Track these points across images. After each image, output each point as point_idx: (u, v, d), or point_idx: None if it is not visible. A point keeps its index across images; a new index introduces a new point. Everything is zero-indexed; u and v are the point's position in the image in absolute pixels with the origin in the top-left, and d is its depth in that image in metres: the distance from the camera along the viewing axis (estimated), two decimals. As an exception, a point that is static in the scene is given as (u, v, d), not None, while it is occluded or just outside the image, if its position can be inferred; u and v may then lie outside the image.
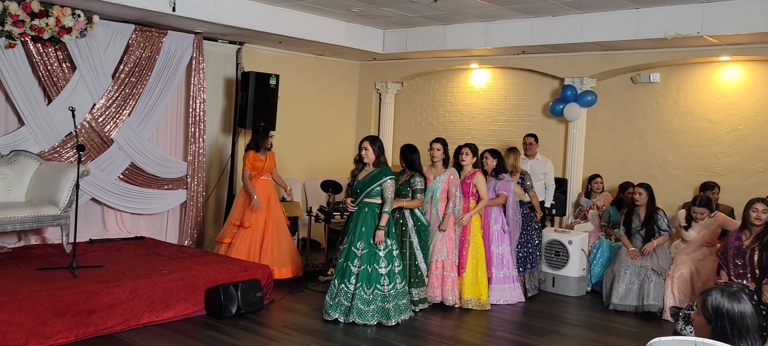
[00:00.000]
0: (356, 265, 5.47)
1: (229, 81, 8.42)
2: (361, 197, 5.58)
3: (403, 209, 5.97)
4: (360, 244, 5.49)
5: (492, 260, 6.48)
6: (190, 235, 7.75)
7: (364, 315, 5.41)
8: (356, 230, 5.54)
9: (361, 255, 5.48)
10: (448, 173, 6.21)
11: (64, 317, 4.73)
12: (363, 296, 5.43)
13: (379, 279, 5.46)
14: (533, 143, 7.72)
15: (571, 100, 8.05)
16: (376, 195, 5.55)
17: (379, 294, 5.46)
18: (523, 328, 5.83)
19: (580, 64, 8.03)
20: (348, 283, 5.47)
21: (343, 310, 5.46)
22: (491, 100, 9.12)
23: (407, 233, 5.98)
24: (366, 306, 5.42)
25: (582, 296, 7.05)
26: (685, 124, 7.63)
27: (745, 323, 2.55)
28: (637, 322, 6.17)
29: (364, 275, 5.45)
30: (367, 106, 10.16)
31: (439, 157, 6.27)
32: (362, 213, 5.57)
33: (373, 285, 5.45)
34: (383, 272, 5.48)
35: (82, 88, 6.80)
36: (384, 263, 5.49)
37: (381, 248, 5.48)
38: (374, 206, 5.56)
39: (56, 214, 6.11)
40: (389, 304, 5.45)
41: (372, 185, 5.54)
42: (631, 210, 6.68)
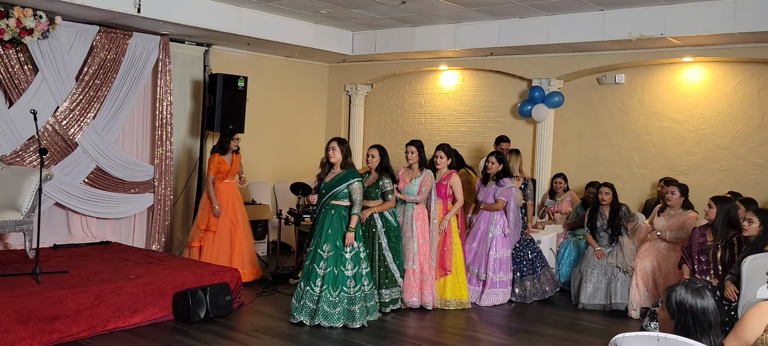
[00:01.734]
0: (322, 267, 5.42)
1: (196, 83, 8.33)
2: (326, 199, 5.51)
3: (374, 214, 5.93)
4: (326, 246, 5.43)
5: (490, 263, 6.49)
6: (158, 239, 7.64)
7: (329, 317, 5.37)
8: (322, 233, 5.48)
9: (327, 257, 5.42)
10: (423, 175, 6.19)
11: (27, 324, 4.62)
12: (329, 299, 5.37)
13: (346, 281, 5.42)
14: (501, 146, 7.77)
15: (538, 101, 8.15)
16: (343, 197, 5.50)
17: (346, 296, 5.41)
18: (494, 327, 5.88)
19: (547, 66, 8.14)
20: (313, 285, 5.42)
21: (309, 312, 5.41)
22: (460, 102, 9.18)
23: (377, 235, 5.95)
24: (332, 309, 5.37)
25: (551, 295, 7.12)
26: (650, 124, 7.78)
27: (707, 319, 2.61)
28: (605, 320, 6.26)
29: (330, 278, 5.40)
30: (337, 108, 10.14)
31: (414, 160, 6.23)
32: (328, 215, 5.51)
33: (340, 287, 5.40)
34: (349, 274, 5.44)
35: (44, 91, 6.66)
36: (350, 265, 5.46)
37: (347, 250, 5.44)
38: (341, 209, 5.51)
39: (18, 219, 5.96)
40: (355, 306, 5.41)
41: (339, 187, 5.49)
42: (595, 209, 6.78)
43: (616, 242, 6.65)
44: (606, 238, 6.69)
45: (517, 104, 8.49)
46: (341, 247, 5.43)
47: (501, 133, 8.28)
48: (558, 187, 7.87)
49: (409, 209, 6.19)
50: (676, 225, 6.36)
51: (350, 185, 5.47)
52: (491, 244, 6.51)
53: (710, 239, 5.62)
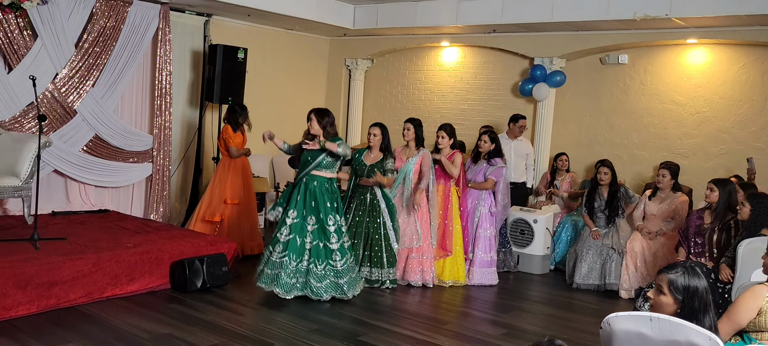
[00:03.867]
0: (308, 240, 5.35)
1: (196, 54, 8.28)
2: (309, 168, 5.41)
3: (375, 189, 5.92)
4: (311, 219, 5.35)
5: (478, 242, 6.49)
6: (156, 209, 7.66)
7: (317, 291, 5.33)
8: (306, 205, 5.37)
9: (312, 231, 5.35)
10: (420, 153, 6.17)
11: (25, 289, 4.65)
12: (316, 272, 5.34)
13: (331, 255, 5.37)
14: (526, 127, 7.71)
15: (540, 80, 8.11)
16: (327, 166, 5.43)
17: (331, 270, 5.38)
18: (488, 304, 5.92)
19: (549, 44, 8.09)
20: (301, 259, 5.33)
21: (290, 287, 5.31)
22: (461, 79, 9.14)
23: (380, 214, 5.94)
24: (319, 282, 5.33)
25: (545, 273, 7.18)
26: (651, 106, 7.76)
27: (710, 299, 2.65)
28: (598, 299, 6.31)
29: (316, 251, 5.34)
30: (337, 82, 10.10)
31: (410, 138, 6.20)
32: (311, 186, 5.40)
33: (325, 261, 5.36)
34: (334, 247, 5.37)
35: (44, 57, 6.62)
36: (334, 238, 5.38)
37: (331, 223, 5.36)
38: (323, 180, 5.43)
39: (17, 185, 5.98)
40: (342, 279, 5.39)
41: (322, 154, 5.40)
42: (594, 189, 6.79)
43: (612, 223, 6.66)
44: (603, 219, 6.71)
45: (519, 83, 8.45)
46: (325, 220, 5.35)
47: (503, 111, 8.27)
48: (561, 165, 7.84)
49: (408, 189, 6.14)
50: (668, 211, 6.38)
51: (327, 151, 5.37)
52: (479, 223, 6.51)
53: (707, 221, 5.63)
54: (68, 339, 4.28)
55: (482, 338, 4.89)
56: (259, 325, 4.83)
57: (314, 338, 4.64)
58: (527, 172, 7.87)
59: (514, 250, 7.22)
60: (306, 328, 4.84)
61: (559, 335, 5.09)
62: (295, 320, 5.00)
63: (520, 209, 7.32)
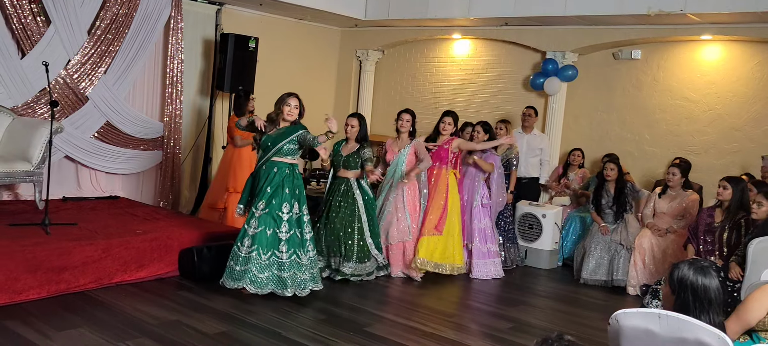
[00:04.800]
0: (253, 226, 4.99)
1: (207, 42, 8.29)
2: (270, 154, 5.08)
3: (351, 180, 5.78)
4: (261, 204, 5.00)
5: (474, 233, 6.46)
6: (166, 196, 7.70)
7: (257, 282, 4.96)
8: (262, 191, 5.04)
9: (259, 216, 4.98)
10: (412, 144, 6.07)
11: (36, 274, 4.70)
12: (259, 262, 4.96)
13: (278, 245, 4.99)
14: (532, 116, 7.65)
15: (551, 74, 8.07)
16: (289, 153, 5.11)
17: (275, 261, 5.00)
18: (494, 298, 5.92)
19: (562, 38, 8.04)
20: (240, 245, 5.00)
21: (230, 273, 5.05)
22: (472, 72, 9.11)
23: (356, 207, 5.76)
24: (260, 272, 4.96)
25: (553, 268, 7.16)
26: (664, 102, 7.70)
27: (707, 297, 2.62)
28: (606, 295, 6.29)
29: (261, 238, 4.96)
30: (347, 73, 10.08)
31: (406, 129, 6.09)
32: (271, 173, 5.07)
33: (271, 250, 4.98)
34: (283, 237, 5.01)
35: (56, 43, 6.66)
36: (285, 227, 5.01)
37: (284, 211, 5.01)
38: (284, 166, 5.09)
39: (29, 170, 6.02)
40: (285, 273, 5.00)
41: (283, 140, 5.07)
42: (601, 185, 6.76)
43: (621, 219, 6.64)
44: (610, 215, 6.68)
45: (530, 76, 8.41)
46: (278, 206, 5.00)
47: (514, 104, 8.23)
48: (573, 160, 7.77)
49: (396, 182, 6.02)
50: (678, 209, 6.34)
51: (298, 136, 5.08)
52: (473, 214, 6.49)
53: (718, 219, 5.59)
54: (77, 324, 4.32)
55: (489, 332, 4.89)
56: (266, 314, 4.85)
57: (322, 327, 4.66)
58: (542, 167, 7.76)
59: (522, 244, 7.20)
60: (313, 318, 4.86)
61: (566, 330, 5.08)
62: (301, 309, 5.01)
63: (528, 204, 7.29)
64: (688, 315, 2.52)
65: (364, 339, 4.51)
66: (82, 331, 4.21)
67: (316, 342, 4.36)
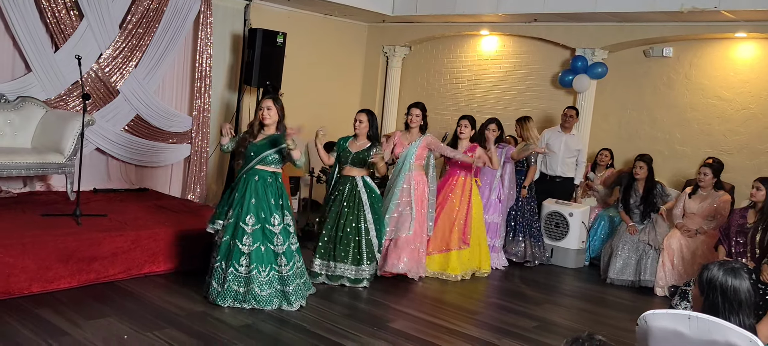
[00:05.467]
0: (247, 243, 4.68)
1: (236, 37, 8.36)
2: (253, 163, 4.78)
3: (356, 179, 5.52)
4: (250, 219, 4.68)
5: (488, 228, 6.48)
6: (193, 189, 7.80)
7: (261, 300, 4.70)
8: (245, 203, 4.69)
9: (251, 232, 4.69)
10: (424, 138, 5.89)
11: (67, 263, 4.79)
12: (259, 280, 4.70)
13: (275, 259, 4.74)
14: (573, 117, 7.47)
15: (581, 71, 7.98)
16: (273, 162, 4.81)
17: (276, 276, 4.76)
18: (518, 296, 5.87)
19: (592, 35, 7.93)
20: (238, 265, 4.67)
21: (234, 295, 4.69)
22: (500, 69, 9.04)
23: (361, 207, 5.48)
24: (262, 290, 4.70)
25: (580, 268, 7.09)
26: (696, 101, 7.56)
27: (737, 299, 2.57)
28: (633, 296, 6.21)
29: (257, 255, 4.69)
30: (374, 69, 10.09)
31: (417, 123, 5.90)
32: (252, 182, 4.75)
33: (269, 265, 4.72)
34: (280, 250, 4.75)
35: (89, 37, 6.76)
36: (279, 240, 4.75)
37: (275, 224, 4.74)
38: (266, 174, 4.79)
39: (61, 162, 6.14)
40: (289, 286, 4.77)
41: (269, 150, 4.80)
42: (630, 185, 6.67)
43: (648, 219, 6.54)
44: (638, 215, 6.60)
45: (558, 73, 8.32)
46: (267, 219, 4.73)
47: (542, 101, 8.15)
48: (601, 160, 7.67)
49: (403, 175, 5.82)
50: (709, 210, 6.22)
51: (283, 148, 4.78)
52: (487, 208, 6.46)
53: (751, 220, 5.48)
54: (106, 313, 4.40)
55: (513, 330, 4.85)
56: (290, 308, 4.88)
57: (345, 322, 4.67)
58: (578, 168, 7.57)
59: (548, 243, 7.14)
60: (337, 312, 4.88)
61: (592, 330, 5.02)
62: (324, 304, 5.04)
63: (555, 202, 7.22)
64: (717, 317, 2.48)
65: (388, 335, 4.52)
66: (111, 320, 4.29)
67: (340, 337, 4.38)
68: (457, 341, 4.52)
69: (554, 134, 7.46)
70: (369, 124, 5.50)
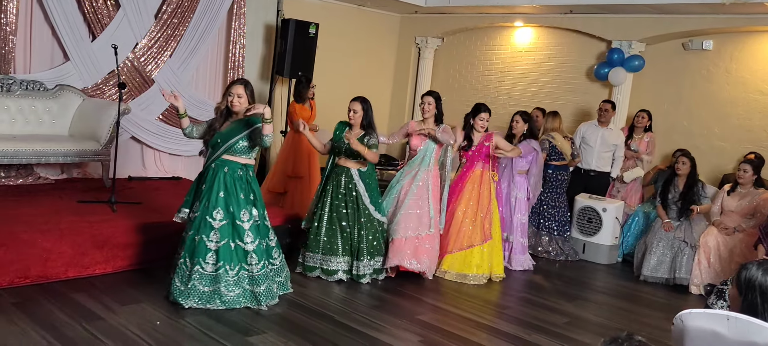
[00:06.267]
0: (214, 240, 4.33)
1: (269, 27, 8.40)
2: (220, 152, 4.40)
3: (352, 171, 5.26)
4: (217, 213, 4.33)
5: (516, 226, 6.30)
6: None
7: (227, 301, 4.37)
8: (213, 196, 4.34)
9: (218, 227, 4.34)
10: (440, 129, 5.55)
11: (102, 249, 4.88)
12: (226, 279, 4.35)
13: (245, 257, 4.40)
14: (609, 111, 7.27)
15: (617, 64, 7.83)
16: (243, 152, 4.44)
17: (246, 275, 4.43)
18: (548, 291, 5.80)
19: (629, 27, 7.77)
20: (204, 262, 4.32)
21: (199, 295, 4.33)
22: (533, 61, 8.93)
23: (360, 200, 5.24)
24: (229, 290, 4.37)
25: (612, 264, 6.97)
26: (736, 95, 7.35)
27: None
28: (667, 293, 6.09)
29: (225, 253, 4.34)
30: (406, 60, 10.04)
31: (430, 113, 5.57)
32: (220, 174, 4.39)
33: (238, 264, 4.38)
34: (250, 248, 4.40)
35: (125, 27, 6.87)
36: (250, 237, 4.40)
37: (245, 219, 4.39)
38: (236, 166, 4.42)
39: (97, 149, 6.26)
40: (260, 286, 4.43)
41: (235, 136, 4.40)
42: (670, 180, 6.52)
43: (685, 216, 6.40)
44: (675, 211, 6.45)
45: (594, 66, 8.18)
46: (237, 215, 4.37)
47: (576, 94, 8.01)
48: (639, 122, 7.36)
49: (422, 172, 5.56)
50: (748, 208, 6.06)
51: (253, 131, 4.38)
52: (515, 207, 6.30)
53: (791, 220, 5.32)
54: (139, 299, 4.47)
55: (543, 326, 4.80)
56: (318, 297, 4.91)
57: (375, 313, 4.67)
58: (614, 163, 7.34)
59: (580, 238, 7.04)
60: (366, 304, 4.88)
61: (624, 327, 4.94)
62: (355, 295, 5.05)
63: (588, 197, 7.11)
64: (756, 318, 2.40)
65: (418, 328, 4.51)
66: (144, 306, 4.36)
67: (370, 328, 4.38)
68: (485, 335, 4.48)
69: (591, 128, 7.34)
70: (364, 112, 5.24)
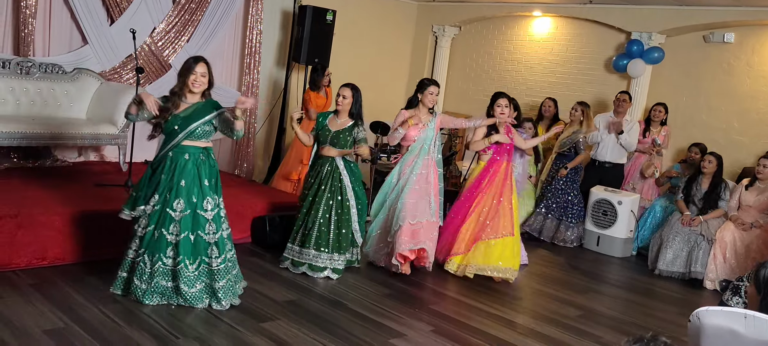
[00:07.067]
0: (173, 232, 4.03)
1: (286, 14, 8.39)
2: (179, 138, 4.07)
3: (336, 160, 5.03)
4: (178, 204, 4.02)
5: None
6: (240, 165, 7.90)
7: (189, 298, 4.07)
8: (174, 186, 4.03)
9: (179, 219, 4.03)
10: (437, 117, 5.34)
11: (119, 233, 4.90)
12: (187, 274, 4.05)
13: (206, 250, 4.07)
14: (626, 101, 7.18)
15: (636, 55, 7.74)
16: (203, 136, 4.14)
17: (206, 270, 4.12)
18: (562, 283, 5.78)
19: (650, 18, 7.67)
20: (164, 257, 4.03)
21: (162, 291, 4.07)
22: (551, 51, 8.85)
23: (343, 191, 5.03)
24: (190, 286, 4.06)
25: (627, 257, 6.93)
26: (757, 89, 7.24)
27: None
28: (682, 288, 6.04)
29: (185, 246, 4.02)
30: (422, 49, 9.99)
31: (432, 103, 5.34)
32: (181, 161, 4.07)
33: (199, 258, 4.06)
34: (212, 239, 4.11)
35: (143, 11, 6.89)
36: (212, 228, 4.11)
37: (207, 209, 4.08)
38: (197, 151, 4.12)
39: (114, 133, 6.30)
40: (219, 282, 4.13)
41: (198, 121, 4.09)
42: (694, 177, 6.46)
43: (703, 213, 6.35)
44: (695, 211, 6.40)
45: (612, 58, 8.09)
46: (199, 204, 4.07)
47: (594, 86, 7.94)
48: (656, 116, 7.27)
49: (420, 161, 5.31)
50: (767, 204, 5.98)
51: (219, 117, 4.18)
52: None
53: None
54: (155, 282, 4.50)
55: (556, 318, 4.78)
56: (332, 285, 4.92)
57: (387, 302, 4.68)
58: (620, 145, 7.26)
59: (595, 231, 7.00)
60: (378, 292, 4.89)
61: (638, 321, 4.91)
62: (368, 283, 5.06)
63: (604, 189, 7.06)
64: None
65: (430, 317, 4.51)
66: (159, 289, 4.39)
67: (382, 316, 4.39)
68: (497, 326, 4.48)
69: (607, 120, 7.27)
70: (353, 100, 5.03)
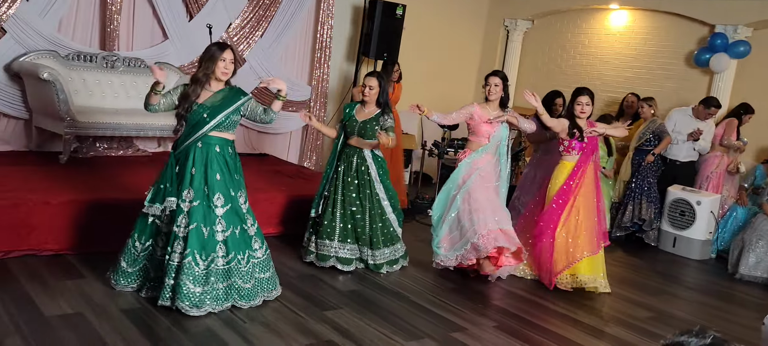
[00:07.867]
0: (220, 229, 3.85)
1: (356, 9, 8.48)
2: (208, 127, 3.84)
3: (364, 152, 4.93)
4: (218, 199, 3.84)
5: None
6: (309, 157, 8.06)
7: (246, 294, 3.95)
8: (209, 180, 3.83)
9: (223, 214, 3.86)
10: (507, 114, 4.99)
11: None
12: (240, 269, 3.92)
13: (215, 247, 3.81)
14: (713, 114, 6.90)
15: (720, 49, 7.36)
16: (231, 126, 3.95)
17: (256, 263, 4.04)
18: (635, 285, 5.58)
19: (736, 10, 7.28)
20: (217, 257, 3.82)
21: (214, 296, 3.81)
22: (628, 45, 8.54)
23: (371, 185, 4.92)
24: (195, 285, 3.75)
25: (705, 260, 6.62)
26: None
27: None
28: (764, 293, 5.74)
29: (195, 239, 3.75)
30: (493, 42, 9.87)
31: (496, 96, 5.00)
32: (212, 153, 3.86)
33: (209, 255, 3.80)
34: (252, 232, 4.01)
35: (220, 8, 7.13)
36: (250, 220, 4.02)
37: (218, 204, 3.84)
38: (226, 143, 3.96)
39: (191, 124, 6.55)
40: (266, 273, 4.08)
41: (227, 109, 3.90)
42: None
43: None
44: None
45: (694, 52, 7.73)
46: (235, 198, 3.93)
47: (672, 81, 7.61)
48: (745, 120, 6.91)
49: (504, 160, 5.07)
50: None
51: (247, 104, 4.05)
52: None
53: None
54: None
55: (624, 318, 4.63)
56: (394, 278, 4.94)
57: (448, 295, 4.67)
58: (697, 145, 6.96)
59: (671, 232, 6.72)
60: (440, 285, 4.88)
61: (713, 325, 4.68)
62: (426, 274, 5.06)
63: (682, 189, 6.77)
64: None
65: (494, 312, 4.47)
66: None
67: (445, 310, 4.38)
68: (562, 324, 4.38)
69: (684, 118, 6.96)
70: (380, 89, 4.92)
